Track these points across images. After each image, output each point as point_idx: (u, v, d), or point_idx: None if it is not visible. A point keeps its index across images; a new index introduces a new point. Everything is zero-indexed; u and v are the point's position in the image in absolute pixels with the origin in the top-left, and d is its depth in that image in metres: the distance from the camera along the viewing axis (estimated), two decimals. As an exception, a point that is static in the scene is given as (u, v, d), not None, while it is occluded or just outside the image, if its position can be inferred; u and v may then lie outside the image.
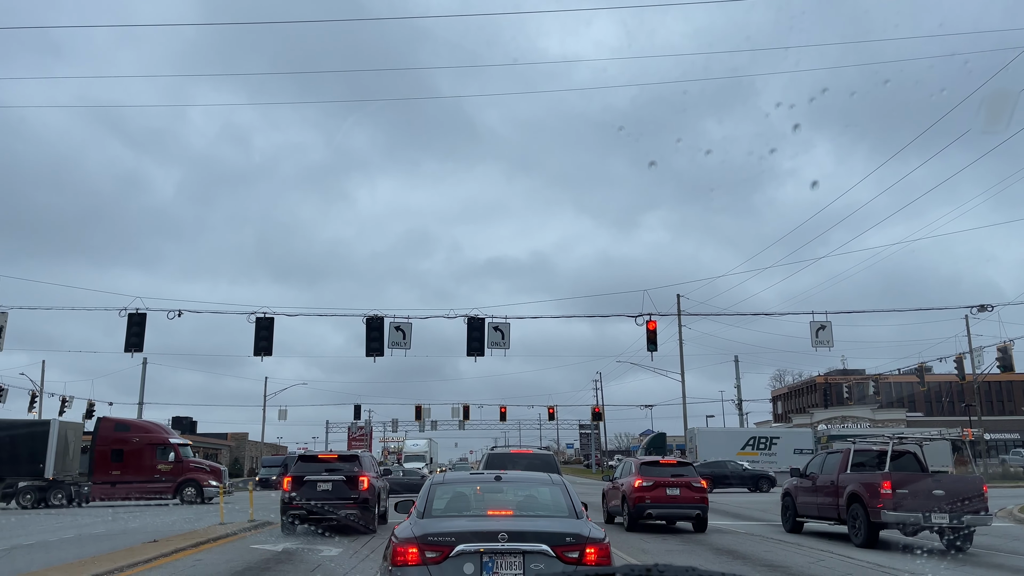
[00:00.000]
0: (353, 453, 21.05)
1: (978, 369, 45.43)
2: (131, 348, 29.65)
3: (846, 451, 18.38)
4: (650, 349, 33.97)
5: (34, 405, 54.67)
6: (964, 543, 15.48)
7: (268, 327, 30.14)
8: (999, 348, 36.77)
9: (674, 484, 19.88)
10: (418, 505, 7.62)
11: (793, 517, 19.61)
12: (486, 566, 6.43)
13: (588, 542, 6.71)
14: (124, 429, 37.06)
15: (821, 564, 13.74)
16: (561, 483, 8.26)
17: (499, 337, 30.65)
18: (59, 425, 35.51)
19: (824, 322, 31.66)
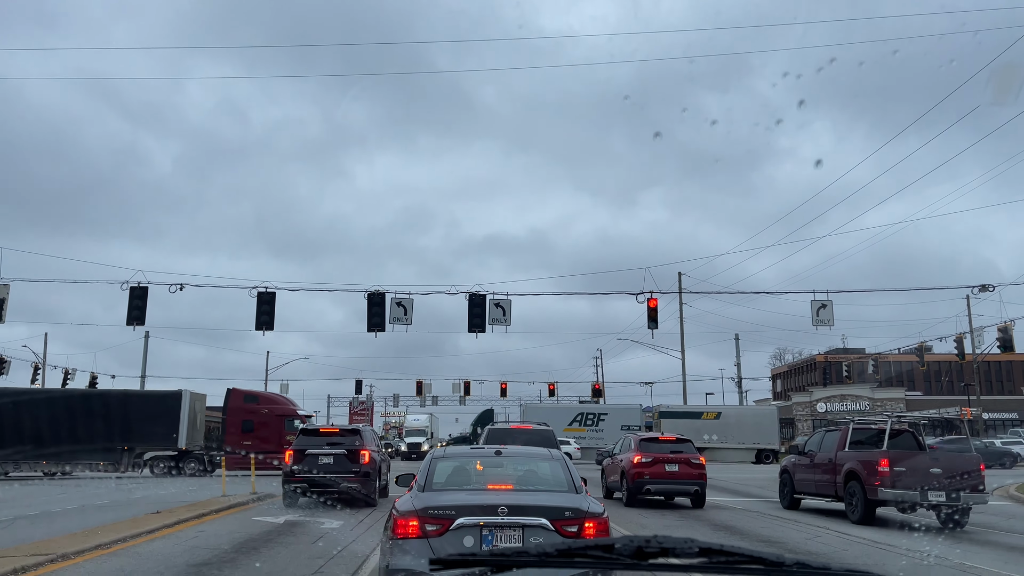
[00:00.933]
0: (355, 427, 21.20)
1: (978, 349, 45.52)
2: (133, 321, 29.74)
3: (845, 429, 18.50)
4: (651, 327, 34.05)
5: (37, 377, 54.96)
6: (960, 521, 15.61)
7: (270, 302, 30.20)
8: (1000, 328, 36.81)
9: (673, 460, 20.02)
10: (419, 479, 7.70)
11: (791, 494, 19.77)
12: (486, 539, 6.51)
13: (587, 516, 6.79)
14: (253, 401, 37.80)
15: (817, 540, 13.87)
16: (561, 458, 8.33)
17: (500, 314, 30.71)
18: (189, 396, 36.23)
19: (825, 301, 31.69)
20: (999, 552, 12.81)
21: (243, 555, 11.38)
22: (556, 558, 1.79)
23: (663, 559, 1.74)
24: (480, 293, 30.79)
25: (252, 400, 37.84)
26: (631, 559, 1.72)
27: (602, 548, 1.74)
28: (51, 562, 10.48)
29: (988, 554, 12.37)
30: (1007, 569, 10.77)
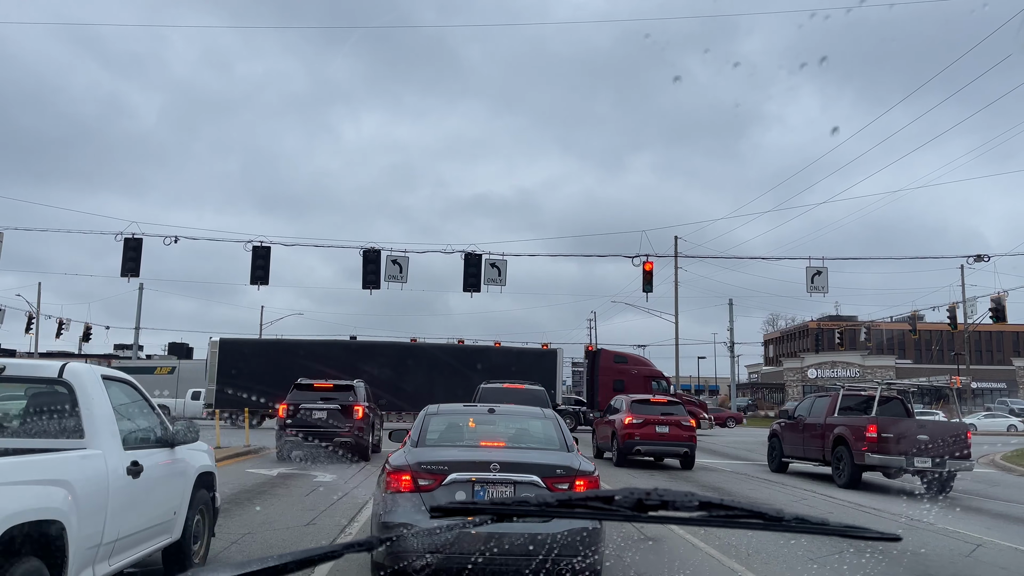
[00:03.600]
0: (348, 383, 21.30)
1: (971, 319, 45.77)
2: (127, 273, 29.62)
3: (834, 395, 18.66)
4: (645, 290, 34.03)
5: (31, 327, 54.95)
6: (946, 487, 15.83)
7: (264, 256, 30.08)
8: (993, 299, 36.95)
9: (663, 422, 20.19)
10: (412, 434, 7.74)
11: (779, 458, 19.99)
12: (478, 494, 6.57)
13: (578, 474, 6.85)
14: (622, 361, 38.68)
15: (804, 503, 14.07)
16: (553, 417, 8.38)
17: (496, 274, 30.67)
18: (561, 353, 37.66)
19: (820, 267, 31.73)
20: (982, 518, 13.02)
21: (236, 506, 11.48)
22: (556, 508, 1.79)
23: (663, 512, 1.74)
24: (476, 253, 30.73)
25: (621, 360, 38.91)
26: (631, 511, 1.72)
27: (602, 499, 1.74)
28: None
29: (972, 519, 12.56)
30: (990, 535, 10.95)
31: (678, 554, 8.75)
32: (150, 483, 6.20)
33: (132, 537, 5.94)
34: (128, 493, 5.80)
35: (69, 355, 72.36)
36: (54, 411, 5.74)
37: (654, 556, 8.50)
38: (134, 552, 6.07)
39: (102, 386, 6.05)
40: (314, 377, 21.65)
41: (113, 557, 5.64)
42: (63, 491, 4.88)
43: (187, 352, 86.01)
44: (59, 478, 4.94)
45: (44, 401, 5.86)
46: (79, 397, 5.72)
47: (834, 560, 8.23)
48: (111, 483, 5.55)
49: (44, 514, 4.67)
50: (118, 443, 5.88)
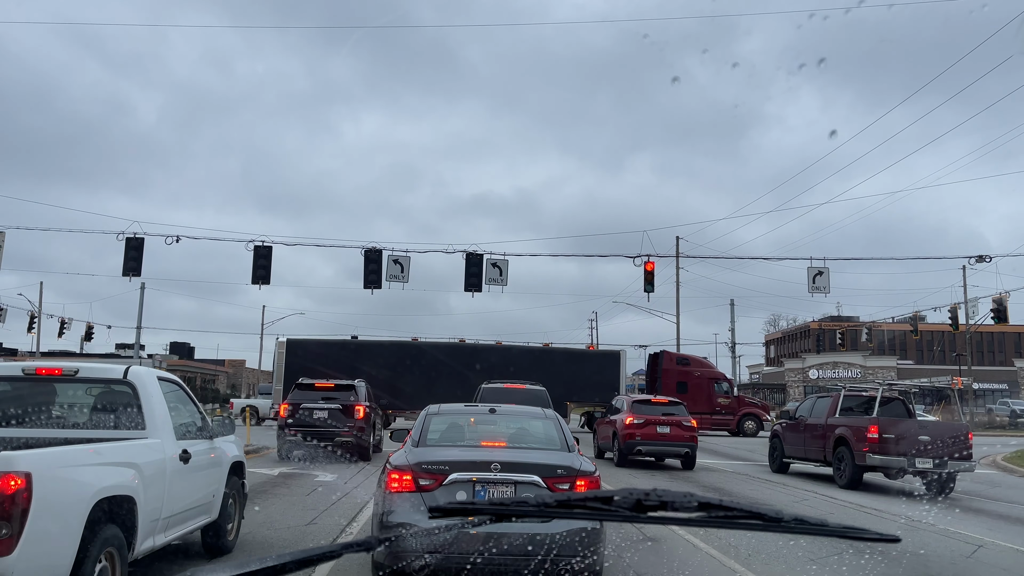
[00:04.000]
0: (350, 383, 21.30)
1: (972, 320, 45.72)
2: (129, 272, 29.64)
3: (836, 395, 18.63)
4: (647, 290, 34.01)
5: (33, 326, 55.00)
6: (947, 488, 15.82)
7: (266, 256, 30.10)
8: (994, 299, 36.91)
9: (664, 422, 20.18)
10: (413, 434, 7.74)
11: (780, 458, 19.97)
12: (479, 494, 6.57)
13: (579, 475, 6.84)
14: (684, 363, 38.91)
15: (804, 503, 14.06)
16: (554, 417, 8.38)
17: (497, 273, 30.67)
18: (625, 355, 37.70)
19: (822, 268, 31.70)
20: (984, 519, 13.00)
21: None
22: (555, 508, 1.79)
23: (662, 512, 1.74)
24: (477, 252, 30.73)
25: (684, 363, 39.16)
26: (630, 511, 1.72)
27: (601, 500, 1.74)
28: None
29: (973, 520, 12.55)
30: (991, 536, 10.94)
31: (678, 554, 8.75)
32: (195, 469, 7.22)
33: (182, 515, 6.97)
34: (179, 477, 6.83)
35: (71, 355, 72.47)
36: (120, 407, 6.81)
37: (654, 556, 8.50)
38: (182, 528, 7.09)
39: (158, 386, 7.13)
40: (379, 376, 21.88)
41: (168, 531, 6.71)
42: (134, 472, 5.90)
43: (188, 352, 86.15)
44: (131, 462, 5.94)
45: (111, 398, 6.96)
46: (141, 395, 6.80)
47: (834, 561, 8.22)
48: (168, 468, 6.61)
49: (121, 490, 5.68)
50: (172, 434, 6.93)
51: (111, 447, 6.00)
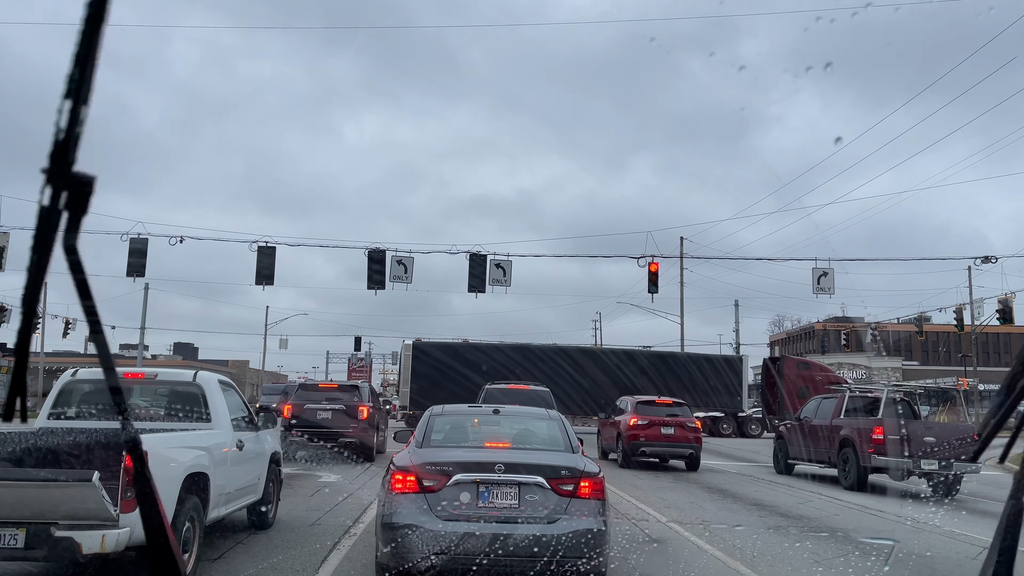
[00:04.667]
0: (353, 383, 21.30)
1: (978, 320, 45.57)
2: (133, 273, 29.70)
3: (841, 396, 18.59)
4: (651, 291, 33.97)
5: (37, 327, 55.12)
6: (952, 489, 15.76)
7: (270, 256, 30.14)
8: (1000, 300, 36.79)
9: (669, 423, 20.14)
10: (417, 435, 7.73)
11: (785, 459, 19.92)
12: (482, 496, 6.55)
13: (583, 475, 6.82)
14: (806, 368, 39.37)
15: (809, 504, 14.02)
16: (558, 418, 8.37)
17: (500, 274, 30.66)
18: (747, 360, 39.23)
19: (827, 269, 31.64)
20: (990, 520, 12.94)
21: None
22: None
23: None
24: (481, 253, 30.72)
25: (805, 367, 39.62)
26: None
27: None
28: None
29: (978, 522, 12.49)
30: (997, 537, 10.88)
31: (683, 556, 8.72)
32: (247, 455, 8.82)
33: (237, 492, 8.47)
34: (236, 461, 8.43)
35: (76, 355, 72.68)
36: (190, 404, 8.45)
37: (659, 558, 8.47)
38: (236, 503, 8.58)
39: (219, 387, 8.78)
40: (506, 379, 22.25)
41: (227, 505, 8.16)
42: (207, 455, 7.44)
43: (192, 352, 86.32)
44: (205, 446, 7.53)
45: (183, 398, 8.55)
46: (207, 395, 8.49)
47: (840, 563, 8.19)
48: (228, 453, 8.15)
49: (201, 468, 7.16)
50: (230, 426, 8.55)
51: (191, 435, 7.71)
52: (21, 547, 5.78)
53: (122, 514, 5.77)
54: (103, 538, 5.77)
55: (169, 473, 6.55)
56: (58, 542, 5.72)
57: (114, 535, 5.78)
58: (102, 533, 5.77)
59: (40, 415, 8.59)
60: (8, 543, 5.75)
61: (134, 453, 1.46)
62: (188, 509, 6.81)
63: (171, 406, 8.61)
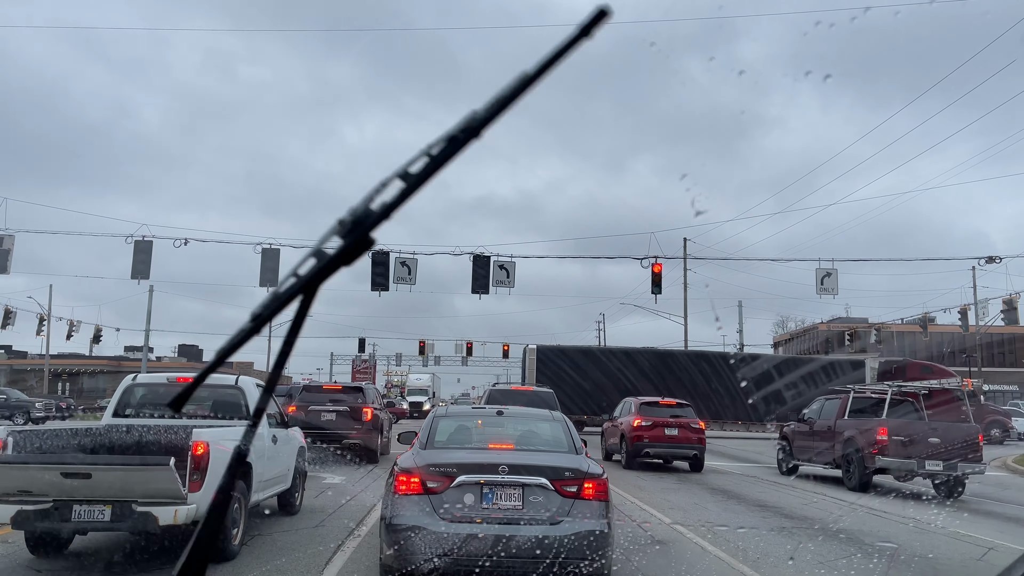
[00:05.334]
0: (357, 385, 21.32)
1: (982, 321, 45.47)
2: (138, 275, 29.79)
3: (845, 397, 18.56)
4: (654, 292, 33.96)
5: (42, 329, 55.22)
6: (956, 490, 15.73)
7: (274, 258, 30.21)
8: (1005, 300, 36.71)
9: (672, 424, 20.13)
10: (421, 437, 7.75)
11: (789, 460, 19.90)
12: (486, 497, 6.56)
13: (586, 477, 6.83)
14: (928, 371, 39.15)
15: (813, 505, 14.01)
16: (561, 419, 8.38)
17: (504, 275, 30.69)
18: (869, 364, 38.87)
19: (830, 269, 31.62)
20: (994, 521, 12.93)
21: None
22: None
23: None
24: (484, 255, 30.74)
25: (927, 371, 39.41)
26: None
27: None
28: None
29: (983, 523, 12.49)
30: (1002, 538, 10.88)
31: (686, 557, 8.73)
32: (279, 448, 10.17)
33: (271, 481, 9.69)
34: (271, 452, 9.67)
35: (80, 357, 72.79)
36: (232, 404, 9.90)
37: (663, 559, 8.48)
38: (270, 490, 9.79)
39: (256, 389, 10.23)
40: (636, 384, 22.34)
41: (264, 491, 9.39)
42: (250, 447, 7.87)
43: (197, 354, 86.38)
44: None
45: (226, 398, 9.99)
46: (246, 395, 9.96)
47: (843, 564, 8.19)
48: (265, 445, 9.38)
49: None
50: (266, 423, 9.69)
51: (237, 429, 8.66)
52: (108, 520, 7.06)
53: (190, 493, 7.10)
54: (175, 512, 7.01)
55: (224, 459, 7.38)
56: (139, 516, 6.98)
57: (184, 510, 7.03)
58: (175, 508, 7.01)
59: (105, 414, 10.03)
60: (97, 517, 7.04)
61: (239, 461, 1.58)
62: (237, 492, 7.85)
63: (216, 405, 9.99)
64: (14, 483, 7.04)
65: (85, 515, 7.04)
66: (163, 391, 10.09)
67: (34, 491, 7.03)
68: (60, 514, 7.01)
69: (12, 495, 7.05)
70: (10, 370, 77.27)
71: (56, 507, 7.01)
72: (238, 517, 8.18)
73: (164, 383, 10.32)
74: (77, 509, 7.01)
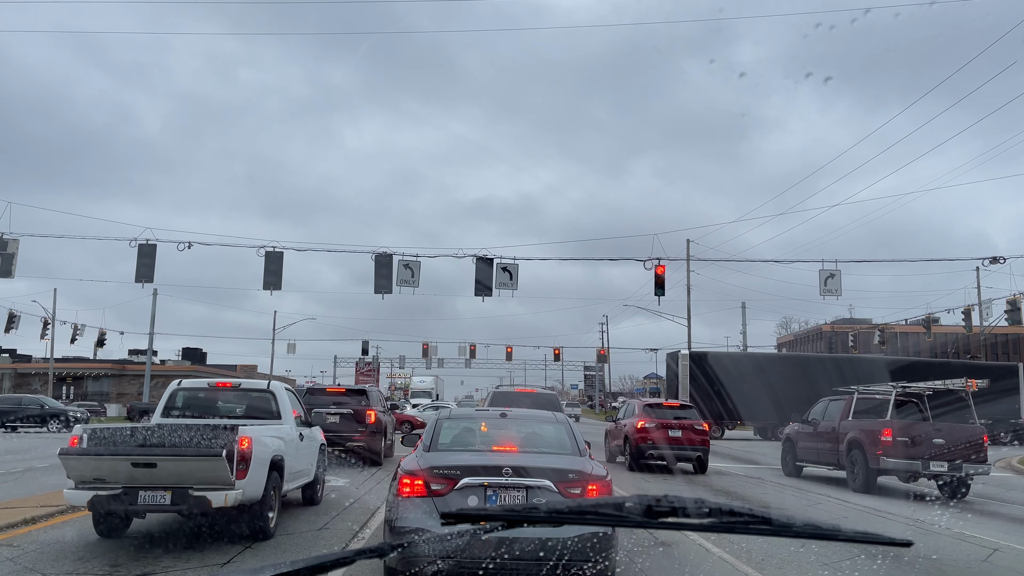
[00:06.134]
0: (361, 387, 21.33)
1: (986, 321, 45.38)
2: (142, 278, 29.82)
3: (849, 398, 18.53)
4: (657, 294, 33.92)
5: (46, 333, 55.35)
6: (961, 491, 15.70)
7: (277, 261, 30.23)
8: (1008, 301, 36.64)
9: (676, 426, 20.12)
10: (424, 439, 7.76)
11: (793, 462, 19.88)
12: (490, 499, 6.57)
13: (590, 479, 6.83)
14: None
15: (818, 507, 13.99)
16: (565, 421, 8.38)
17: (507, 278, 30.69)
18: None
19: (833, 270, 31.58)
20: (999, 522, 12.90)
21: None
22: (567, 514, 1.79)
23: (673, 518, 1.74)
24: (488, 257, 30.76)
25: None
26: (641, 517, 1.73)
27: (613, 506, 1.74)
28: (61, 513, 10.64)
29: (988, 523, 12.46)
30: (1007, 539, 10.85)
31: (690, 559, 8.72)
32: (305, 445, 11.37)
33: (298, 473, 10.89)
34: (298, 448, 10.92)
35: (85, 361, 72.90)
36: (265, 406, 11.17)
37: (666, 561, 8.47)
38: (297, 482, 11.05)
39: (286, 392, 11.60)
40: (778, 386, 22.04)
41: (293, 482, 10.70)
42: (282, 442, 10.02)
43: (201, 357, 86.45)
44: (280, 436, 10.05)
45: (260, 401, 11.28)
46: (278, 399, 11.24)
47: (847, 566, 8.17)
48: (293, 443, 10.67)
49: (280, 452, 9.73)
50: (293, 422, 11.19)
51: (272, 427, 10.18)
52: (168, 503, 8.27)
53: (237, 480, 8.34)
54: (226, 496, 8.24)
55: (263, 453, 9.02)
56: (195, 499, 8.19)
57: (233, 494, 8.30)
58: (225, 492, 8.24)
59: (155, 415, 11.14)
60: (159, 501, 8.26)
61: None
62: (272, 480, 9.26)
63: (251, 407, 11.24)
64: (91, 472, 8.31)
65: (149, 499, 8.26)
66: (204, 394, 11.51)
67: (107, 479, 8.29)
68: (128, 498, 8.24)
69: (88, 482, 8.32)
70: (14, 374, 77.40)
71: (125, 492, 8.25)
72: (274, 503, 9.45)
73: (205, 387, 11.67)
74: (143, 494, 8.24)
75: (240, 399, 11.42)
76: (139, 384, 67.69)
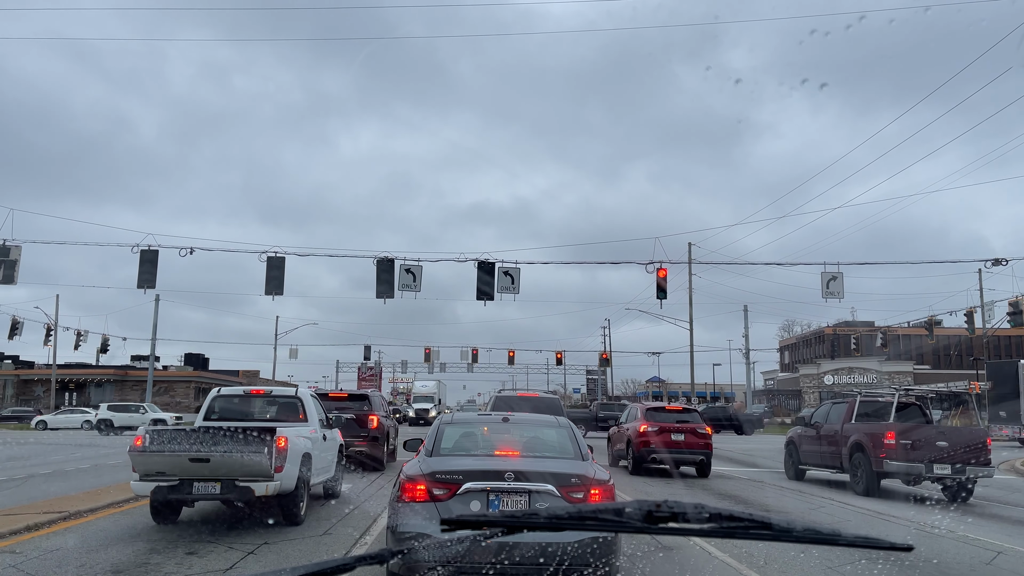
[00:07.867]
0: (363, 392, 21.33)
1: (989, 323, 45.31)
2: (144, 284, 29.87)
3: (852, 401, 18.50)
4: (659, 297, 33.94)
5: (49, 339, 55.41)
6: (965, 494, 15.66)
7: (279, 266, 30.27)
8: (1011, 303, 36.59)
9: (679, 430, 20.09)
10: (427, 444, 7.75)
11: (796, 465, 19.84)
12: (492, 504, 6.56)
13: (593, 483, 6.83)
14: None
15: (821, 511, 13.96)
16: (567, 425, 8.37)
17: (509, 282, 30.71)
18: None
19: (836, 273, 31.59)
20: (1003, 525, 12.87)
21: (250, 517, 11.49)
22: (567, 520, 1.79)
23: (674, 523, 1.74)
24: (489, 261, 30.77)
25: None
26: (642, 523, 1.73)
27: (613, 512, 1.75)
28: (63, 519, 10.65)
29: (992, 526, 12.43)
30: (1011, 542, 10.83)
31: (692, 563, 8.71)
32: (327, 445, 12.90)
33: (321, 470, 12.31)
34: (322, 447, 12.40)
35: (88, 367, 72.97)
36: (293, 410, 12.60)
37: (668, 565, 8.46)
38: (321, 478, 12.41)
39: (311, 398, 13.12)
40: None
41: (317, 478, 12.04)
42: (311, 442, 11.57)
43: (203, 363, 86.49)
44: (308, 436, 11.55)
45: (288, 405, 12.77)
46: (304, 403, 12.74)
47: (848, 570, 8.16)
48: (318, 442, 12.15)
49: (308, 450, 11.28)
50: (318, 424, 12.65)
51: (301, 429, 11.57)
52: (218, 492, 9.88)
53: (275, 473, 9.86)
54: (267, 486, 9.81)
55: (295, 451, 10.54)
56: (240, 489, 9.80)
57: (272, 484, 9.87)
58: (266, 483, 9.81)
59: (197, 419, 12.50)
60: (211, 491, 9.83)
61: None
62: (303, 474, 10.76)
63: (280, 411, 12.65)
64: (155, 467, 9.75)
65: (202, 489, 9.77)
66: (239, 400, 12.97)
67: (167, 472, 9.75)
68: (184, 488, 9.76)
69: (152, 475, 9.81)
70: (17, 380, 77.45)
71: (181, 483, 9.75)
72: (303, 494, 10.86)
73: (241, 394, 13.15)
74: (197, 485, 9.74)
75: (271, 404, 12.91)
76: (141, 390, 67.69)
